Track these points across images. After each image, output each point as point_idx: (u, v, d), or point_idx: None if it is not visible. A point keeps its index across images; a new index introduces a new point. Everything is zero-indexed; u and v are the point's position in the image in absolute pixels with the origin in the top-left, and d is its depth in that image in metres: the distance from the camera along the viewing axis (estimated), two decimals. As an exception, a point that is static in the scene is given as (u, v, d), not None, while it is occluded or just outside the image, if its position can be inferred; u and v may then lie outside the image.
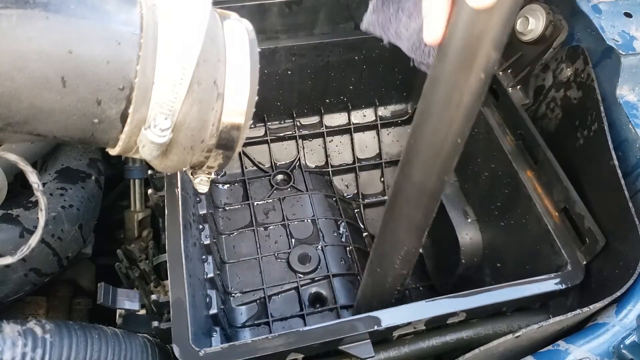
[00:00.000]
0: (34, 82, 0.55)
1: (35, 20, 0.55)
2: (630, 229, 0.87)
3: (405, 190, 0.79)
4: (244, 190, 1.45)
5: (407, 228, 0.84)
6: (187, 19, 0.61)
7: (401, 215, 0.83)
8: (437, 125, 0.69)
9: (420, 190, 0.77)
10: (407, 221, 0.83)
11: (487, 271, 1.24)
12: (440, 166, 0.73)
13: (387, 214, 0.85)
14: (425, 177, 0.75)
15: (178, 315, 0.80)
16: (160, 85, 0.59)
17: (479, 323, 0.92)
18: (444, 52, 0.63)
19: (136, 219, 1.43)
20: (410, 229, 0.84)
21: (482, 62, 0.61)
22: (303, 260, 1.28)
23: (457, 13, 0.59)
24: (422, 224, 0.84)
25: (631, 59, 0.97)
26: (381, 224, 0.88)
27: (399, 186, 0.80)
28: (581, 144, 1.03)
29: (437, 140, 0.70)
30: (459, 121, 0.67)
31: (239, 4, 1.24)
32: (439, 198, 0.80)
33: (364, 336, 0.81)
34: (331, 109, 1.51)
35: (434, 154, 0.72)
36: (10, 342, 0.69)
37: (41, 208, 0.69)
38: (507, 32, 0.59)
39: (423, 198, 0.79)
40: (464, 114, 0.67)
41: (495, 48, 0.60)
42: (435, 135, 0.70)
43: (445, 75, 0.64)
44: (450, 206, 1.28)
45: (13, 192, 1.13)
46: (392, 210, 0.84)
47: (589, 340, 0.80)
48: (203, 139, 0.65)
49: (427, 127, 0.71)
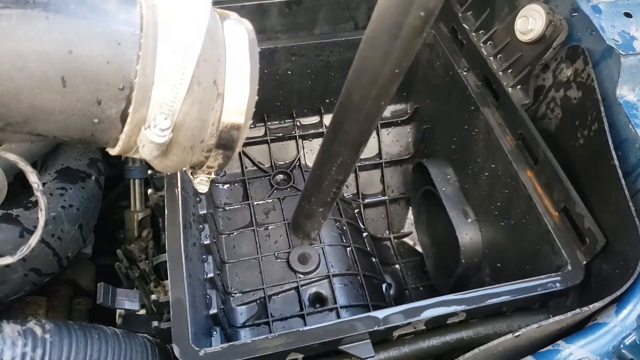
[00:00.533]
0: (34, 82, 0.55)
1: (35, 20, 0.55)
2: (630, 229, 0.87)
3: (345, 108, 0.86)
4: (244, 190, 1.45)
5: (343, 142, 0.91)
6: (187, 19, 0.61)
7: (341, 130, 0.89)
8: (377, 53, 0.74)
9: (357, 110, 0.84)
10: (344, 136, 0.90)
11: (487, 271, 1.24)
12: (377, 90, 0.79)
13: (329, 127, 0.93)
14: (363, 99, 0.81)
15: (178, 315, 0.80)
16: (160, 85, 0.59)
17: (479, 323, 0.92)
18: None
19: (136, 219, 1.43)
20: (346, 143, 0.92)
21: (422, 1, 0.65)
22: (303, 260, 1.28)
23: None
24: (358, 140, 0.91)
25: (631, 59, 0.97)
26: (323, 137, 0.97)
27: (341, 103, 0.86)
28: (581, 144, 1.03)
29: (376, 67, 0.76)
30: (397, 53, 0.72)
31: (239, 4, 1.24)
32: (375, 120, 0.87)
33: (363, 336, 0.82)
34: (331, 109, 1.51)
35: (372, 79, 0.78)
36: (10, 342, 0.69)
37: (41, 208, 0.69)
38: None
39: (359, 117, 0.85)
40: (403, 47, 0.71)
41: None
42: (375, 63, 0.75)
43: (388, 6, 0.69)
44: (450, 206, 1.29)
45: (13, 192, 1.13)
46: (333, 125, 0.91)
47: (589, 340, 0.80)
48: (203, 139, 0.65)
49: (367, 53, 0.76)
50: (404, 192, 1.58)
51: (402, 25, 0.68)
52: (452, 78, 1.30)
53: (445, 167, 1.37)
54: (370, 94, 0.80)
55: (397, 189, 1.59)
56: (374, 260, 1.42)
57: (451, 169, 1.36)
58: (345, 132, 0.89)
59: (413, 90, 1.52)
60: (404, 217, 1.58)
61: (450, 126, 1.36)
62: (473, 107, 1.23)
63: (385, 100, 0.82)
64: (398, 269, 1.49)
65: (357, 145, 0.92)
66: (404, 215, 1.58)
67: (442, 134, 1.44)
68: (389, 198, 1.56)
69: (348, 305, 1.22)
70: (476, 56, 1.24)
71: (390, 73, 0.75)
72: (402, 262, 1.50)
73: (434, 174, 1.35)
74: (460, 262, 1.25)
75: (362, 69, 0.79)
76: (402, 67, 0.75)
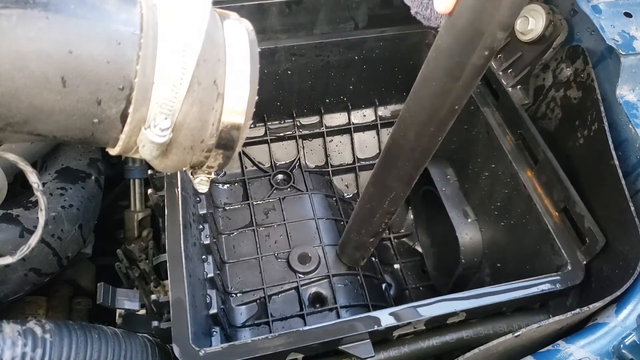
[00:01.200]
0: (34, 82, 0.55)
1: (35, 20, 0.54)
2: (630, 229, 0.87)
3: (399, 145, 0.85)
4: (244, 190, 1.45)
5: (397, 177, 0.91)
6: (187, 19, 0.61)
7: (394, 166, 0.89)
8: (436, 91, 0.72)
9: (413, 147, 0.83)
10: (397, 172, 0.89)
11: (487, 271, 1.24)
12: (434, 128, 0.78)
13: (381, 162, 0.92)
14: (420, 136, 0.80)
15: (178, 315, 0.80)
16: (160, 85, 0.59)
17: (479, 323, 0.92)
18: (452, 23, 0.64)
19: (136, 219, 1.43)
20: (400, 179, 0.91)
21: (487, 40, 0.63)
22: (303, 260, 1.28)
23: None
24: (413, 175, 0.91)
25: (631, 59, 0.97)
26: (374, 170, 0.96)
27: (395, 140, 0.85)
28: (581, 144, 1.03)
29: (434, 105, 0.74)
30: (458, 91, 0.71)
31: (239, 4, 1.24)
32: (430, 155, 0.86)
33: (363, 336, 0.82)
34: (331, 109, 1.51)
35: (429, 117, 0.76)
36: (10, 342, 0.69)
37: (41, 208, 0.69)
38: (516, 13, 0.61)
39: (415, 154, 0.84)
40: (464, 85, 0.69)
41: (502, 29, 0.61)
42: (433, 101, 0.74)
43: (450, 46, 0.66)
44: (450, 206, 1.28)
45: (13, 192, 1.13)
46: (386, 160, 0.90)
47: (588, 340, 0.80)
48: (203, 139, 0.65)
49: (426, 92, 0.74)
50: (404, 192, 1.58)
51: (465, 66, 0.66)
52: (452, 78, 1.30)
53: (445, 167, 1.37)
54: (428, 131, 0.78)
55: (397, 189, 1.59)
56: (374, 260, 1.42)
57: (451, 169, 1.36)
58: (400, 168, 0.88)
59: (413, 90, 1.52)
60: (404, 217, 1.58)
61: (450, 126, 1.36)
62: (473, 107, 1.23)
63: (442, 135, 0.81)
64: (398, 269, 1.49)
65: (410, 179, 0.91)
66: (404, 215, 1.58)
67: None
68: (389, 198, 1.56)
69: (348, 305, 1.22)
70: (476, 56, 1.24)
71: (449, 111, 0.74)
72: (402, 262, 1.50)
73: (434, 174, 1.35)
74: (460, 262, 1.25)
75: (418, 108, 0.77)
76: (462, 104, 0.74)
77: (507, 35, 0.69)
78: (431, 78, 0.72)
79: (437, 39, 0.69)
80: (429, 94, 0.74)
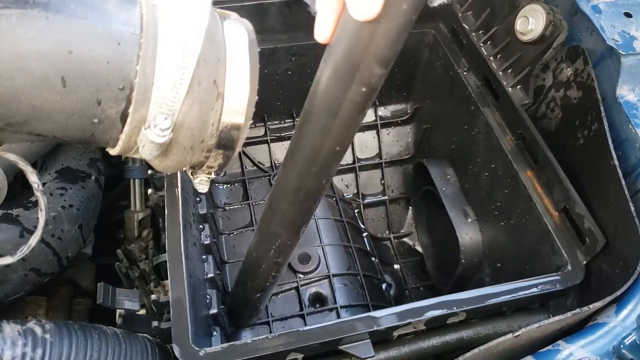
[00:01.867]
0: (34, 82, 0.55)
1: (35, 20, 0.54)
2: (630, 229, 0.87)
3: (282, 186, 0.77)
4: (244, 190, 1.45)
5: (282, 222, 0.82)
6: (187, 19, 0.61)
7: (278, 210, 0.80)
8: (317, 128, 0.66)
9: (297, 189, 0.75)
10: (282, 216, 0.81)
11: (487, 271, 1.24)
12: (317, 169, 0.70)
13: (267, 205, 0.83)
14: (302, 178, 0.73)
15: (178, 315, 0.80)
16: (160, 85, 0.59)
17: (479, 323, 0.92)
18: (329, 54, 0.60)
19: (136, 218, 1.43)
20: (286, 224, 0.82)
21: (364, 74, 0.57)
22: (303, 260, 1.28)
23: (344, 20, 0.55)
24: (298, 221, 0.81)
25: (631, 59, 0.97)
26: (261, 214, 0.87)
27: (279, 181, 0.78)
28: (581, 144, 1.03)
29: (315, 144, 0.67)
30: (337, 131, 0.64)
31: (239, 4, 1.24)
32: (317, 199, 0.78)
33: (363, 336, 0.81)
34: (331, 109, 1.51)
35: (312, 157, 0.69)
36: (10, 342, 0.69)
37: (41, 208, 0.69)
38: (396, 48, 0.55)
39: (299, 196, 0.76)
40: (343, 124, 0.63)
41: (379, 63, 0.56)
42: (314, 139, 0.67)
43: (328, 80, 0.61)
44: (450, 206, 1.29)
45: (13, 192, 1.13)
46: (270, 204, 0.82)
47: (588, 340, 0.80)
48: (203, 139, 0.65)
49: (306, 129, 0.67)
50: (404, 192, 1.58)
51: (342, 102, 0.60)
52: (452, 78, 1.30)
53: (445, 167, 1.37)
54: (310, 171, 0.71)
55: (397, 189, 1.59)
56: (374, 260, 1.42)
57: (451, 168, 1.36)
58: (284, 212, 0.79)
59: (413, 90, 1.52)
60: (404, 217, 1.58)
61: (450, 126, 1.36)
62: (473, 107, 1.23)
63: (328, 178, 0.73)
64: (398, 269, 1.49)
65: (296, 226, 0.83)
66: (404, 215, 1.58)
67: (442, 133, 1.44)
68: (389, 198, 1.57)
69: (348, 305, 1.22)
70: (476, 56, 1.25)
71: (330, 151, 0.67)
72: (402, 262, 1.50)
73: (434, 174, 1.35)
74: (460, 262, 1.25)
75: (301, 145, 0.70)
76: (344, 145, 0.67)
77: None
78: (311, 112, 0.66)
79: (318, 71, 0.64)
80: (310, 130, 0.67)
